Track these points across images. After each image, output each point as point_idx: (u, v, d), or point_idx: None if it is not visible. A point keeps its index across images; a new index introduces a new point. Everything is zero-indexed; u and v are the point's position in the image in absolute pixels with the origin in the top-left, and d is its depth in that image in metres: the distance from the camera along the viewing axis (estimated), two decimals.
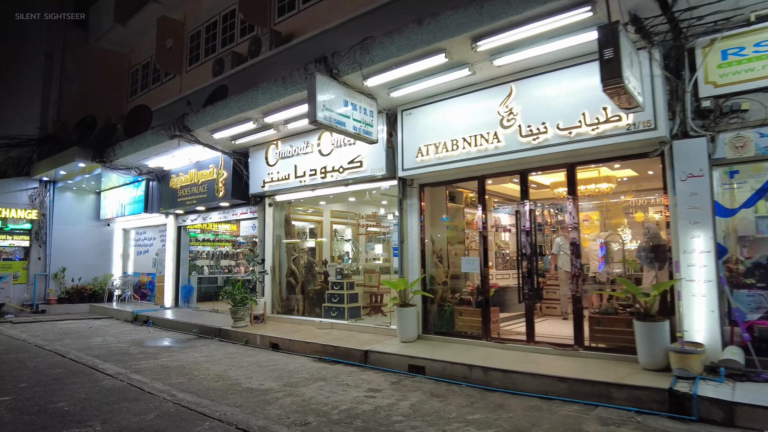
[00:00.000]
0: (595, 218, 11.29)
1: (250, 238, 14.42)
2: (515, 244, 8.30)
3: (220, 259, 15.50)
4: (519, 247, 7.63)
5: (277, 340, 9.15)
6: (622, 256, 9.23)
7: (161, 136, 10.77)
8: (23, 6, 16.55)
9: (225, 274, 15.34)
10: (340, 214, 13.38)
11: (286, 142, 10.44)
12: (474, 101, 7.66)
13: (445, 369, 6.81)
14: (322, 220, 12.61)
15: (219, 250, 15.73)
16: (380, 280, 10.99)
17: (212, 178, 12.08)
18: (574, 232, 7.16)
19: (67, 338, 10.38)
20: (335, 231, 13.60)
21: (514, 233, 10.12)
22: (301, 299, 11.01)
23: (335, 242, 13.35)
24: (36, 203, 15.40)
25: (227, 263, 15.75)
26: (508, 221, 10.55)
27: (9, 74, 17.35)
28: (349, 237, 13.47)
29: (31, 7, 16.57)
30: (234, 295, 10.41)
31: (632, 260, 9.32)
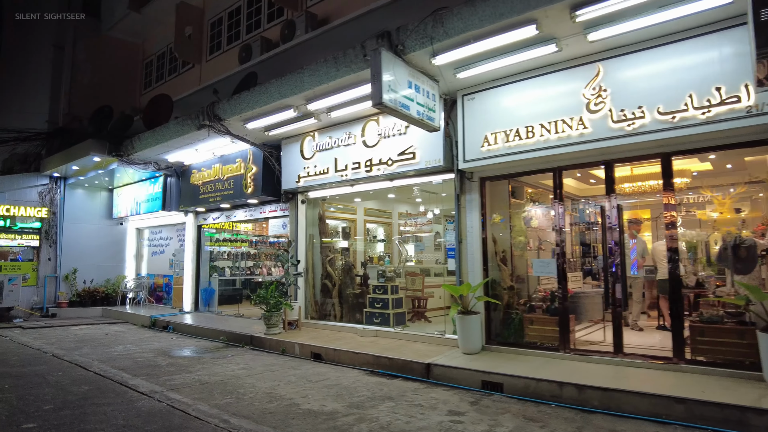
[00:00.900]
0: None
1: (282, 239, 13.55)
2: (569, 243, 7.42)
3: (242, 260, 14.60)
4: (604, 248, 6.75)
5: (320, 349, 8.28)
6: (702, 257, 8.35)
7: (187, 126, 9.89)
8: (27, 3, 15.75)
9: (247, 276, 14.45)
10: (374, 212, 12.49)
11: (325, 133, 9.57)
12: (553, 83, 6.79)
13: (528, 386, 5.95)
14: (355, 218, 11.73)
15: (239, 250, 14.82)
16: (424, 283, 10.12)
17: (239, 173, 11.20)
18: (671, 232, 6.29)
19: (84, 346, 9.49)
20: (368, 230, 12.71)
21: (575, 232, 9.25)
22: (338, 304, 10.13)
23: (369, 242, 12.46)
24: (46, 200, 14.52)
25: (248, 264, 14.85)
26: (569, 219, 9.65)
27: (16, 66, 16.47)
28: (382, 237, 12.59)
29: (32, 7, 15.73)
30: (267, 299, 9.53)
31: (708, 263, 8.47)
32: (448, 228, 8.43)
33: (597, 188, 10.35)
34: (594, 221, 9.36)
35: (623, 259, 6.63)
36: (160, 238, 15.24)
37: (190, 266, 13.25)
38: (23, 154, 15.70)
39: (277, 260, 10.06)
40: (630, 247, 8.59)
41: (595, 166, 7.03)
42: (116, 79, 16.29)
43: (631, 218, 9.24)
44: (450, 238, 8.29)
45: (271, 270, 14.91)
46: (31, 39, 16.21)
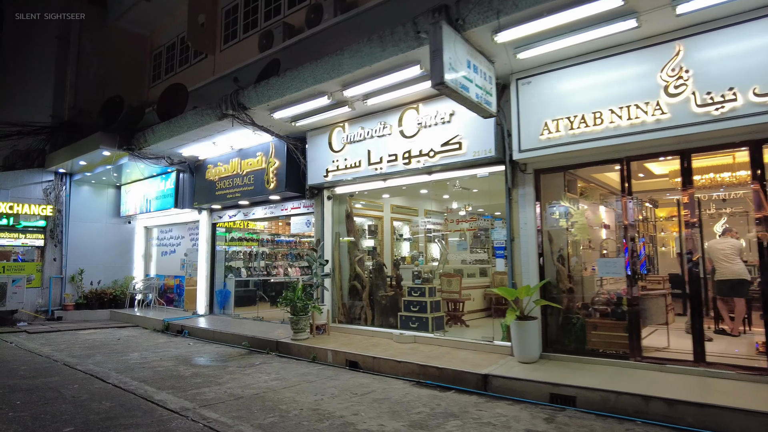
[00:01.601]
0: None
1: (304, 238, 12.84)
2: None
3: (257, 260, 13.91)
4: (681, 246, 6.08)
5: (356, 357, 7.61)
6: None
7: (207, 116, 9.20)
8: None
9: (263, 276, 13.75)
10: (401, 209, 11.80)
11: (357, 123, 8.89)
12: (624, 65, 6.14)
13: (606, 400, 5.30)
14: (382, 216, 11.05)
15: (255, 250, 14.13)
16: (461, 285, 9.44)
17: (260, 167, 10.50)
18: (762, 229, 5.62)
19: (97, 354, 8.79)
20: (394, 228, 12.02)
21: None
22: (369, 307, 9.45)
23: (396, 241, 11.77)
24: (51, 198, 13.80)
25: (262, 264, 14.15)
26: (612, 216, 8.99)
27: (18, 57, 15.71)
28: (408, 235, 11.91)
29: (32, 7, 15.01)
30: (295, 301, 8.85)
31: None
32: (495, 225, 7.78)
33: (645, 183, 9.71)
34: (647, 217, 8.72)
35: (703, 257, 5.97)
36: (170, 237, 14.53)
37: (203, 267, 12.55)
38: (25, 151, 14.96)
39: (306, 260, 9.37)
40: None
41: (669, 156, 6.35)
42: (123, 71, 15.57)
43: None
44: (499, 236, 7.63)
45: (287, 270, 14.22)
46: (35, 30, 15.46)
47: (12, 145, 14.70)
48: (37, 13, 14.82)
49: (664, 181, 9.07)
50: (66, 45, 15.05)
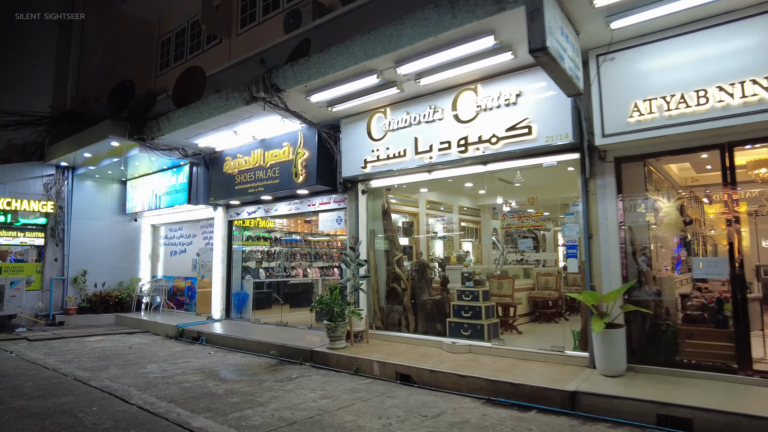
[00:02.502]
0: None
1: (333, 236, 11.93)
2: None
3: (275, 260, 12.98)
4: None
5: (409, 370, 6.74)
6: None
7: (232, 101, 8.27)
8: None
9: (283, 278, 12.82)
10: (436, 205, 10.92)
11: (401, 107, 8.01)
12: (739, 34, 5.29)
13: (735, 425, 4.49)
14: (417, 212, 10.17)
15: (274, 249, 13.20)
16: (514, 287, 8.58)
17: (287, 159, 9.59)
18: None
19: (110, 366, 7.84)
20: (428, 225, 11.14)
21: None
22: (410, 312, 8.56)
23: (432, 239, 10.88)
24: (52, 193, 12.79)
25: (279, 264, 13.21)
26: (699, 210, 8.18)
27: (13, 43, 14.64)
28: (442, 233, 11.03)
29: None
30: (332, 306, 7.95)
31: None
32: (567, 220, 6.93)
33: (710, 176, 8.88)
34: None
35: None
36: (180, 236, 13.57)
37: (219, 267, 11.61)
38: (22, 145, 13.93)
39: (342, 260, 8.47)
40: None
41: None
42: (129, 59, 14.56)
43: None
44: (570, 232, 6.76)
45: (306, 271, 13.30)
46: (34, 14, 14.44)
47: (8, 138, 13.69)
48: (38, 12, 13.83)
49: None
50: (68, 31, 14.03)
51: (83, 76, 13.88)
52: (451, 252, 10.14)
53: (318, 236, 14.15)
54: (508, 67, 6.81)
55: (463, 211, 11.43)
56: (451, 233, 11.45)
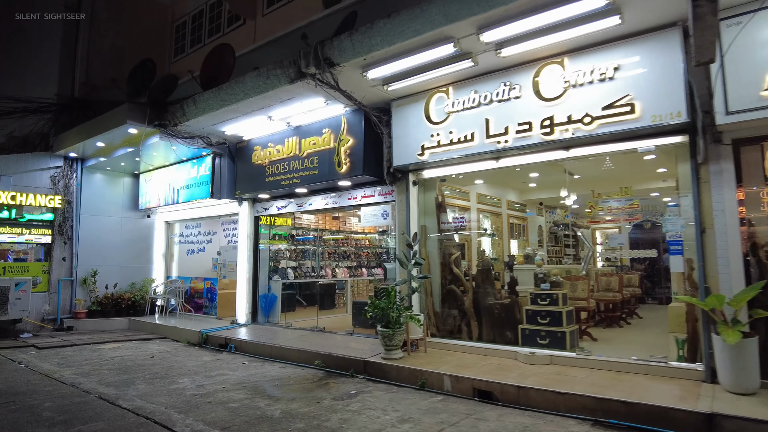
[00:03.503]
0: None
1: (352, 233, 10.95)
2: None
3: (301, 259, 12.01)
4: None
5: (489, 385, 5.82)
6: None
7: (274, 79, 7.30)
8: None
9: (312, 278, 11.84)
10: (485, 198, 9.96)
11: (467, 86, 7.08)
12: None
13: None
14: (468, 206, 9.22)
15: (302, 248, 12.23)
16: (590, 289, 7.64)
17: (328, 147, 8.62)
18: None
19: (136, 380, 6.84)
20: (479, 221, 10.17)
21: None
22: (473, 317, 7.61)
23: (481, 236, 9.92)
24: (59, 187, 11.77)
25: (310, 264, 12.25)
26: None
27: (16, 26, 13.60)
28: (490, 230, 10.08)
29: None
30: (388, 311, 6.99)
31: None
32: (669, 213, 6.02)
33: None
34: None
35: None
36: (198, 234, 12.57)
37: (245, 267, 10.62)
38: (24, 137, 12.89)
39: (397, 259, 7.52)
40: None
41: None
42: (140, 44, 13.53)
43: None
44: (674, 227, 5.84)
45: (335, 271, 12.33)
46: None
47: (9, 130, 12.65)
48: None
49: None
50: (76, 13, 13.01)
51: (92, 62, 12.85)
52: (531, 251, 9.20)
53: (345, 233, 13.18)
54: (605, 37, 5.90)
55: (510, 207, 10.51)
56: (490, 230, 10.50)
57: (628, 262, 10.31)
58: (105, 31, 13.11)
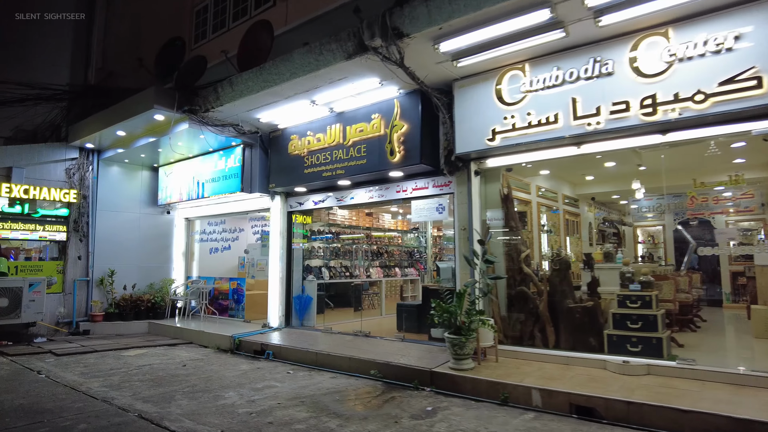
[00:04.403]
0: None
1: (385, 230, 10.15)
2: None
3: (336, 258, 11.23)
4: None
5: (590, 400, 5.11)
6: None
7: (328, 55, 6.51)
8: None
9: (346, 278, 11.06)
10: (545, 193, 9.17)
11: (547, 62, 6.31)
12: None
13: None
14: (529, 199, 8.44)
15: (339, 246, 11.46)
16: (676, 289, 6.87)
17: (377, 134, 7.84)
18: None
19: (176, 394, 6.04)
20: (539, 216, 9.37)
21: None
22: (548, 322, 6.82)
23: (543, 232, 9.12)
24: (75, 180, 10.96)
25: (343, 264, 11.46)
26: None
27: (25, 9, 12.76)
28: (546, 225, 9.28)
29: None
30: (456, 314, 6.21)
31: None
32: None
33: None
34: None
35: None
36: (223, 231, 11.77)
37: (277, 266, 9.82)
38: (32, 130, 12.06)
39: (466, 258, 6.72)
40: None
41: None
42: (158, 30, 12.69)
43: None
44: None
45: (369, 270, 11.55)
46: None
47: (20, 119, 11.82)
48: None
49: None
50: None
51: (108, 48, 12.04)
52: (611, 247, 8.45)
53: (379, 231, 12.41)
54: (722, 2, 5.11)
55: (565, 202, 9.74)
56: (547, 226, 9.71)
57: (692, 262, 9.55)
58: (121, 15, 12.29)
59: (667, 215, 10.26)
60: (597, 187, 10.18)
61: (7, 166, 10.00)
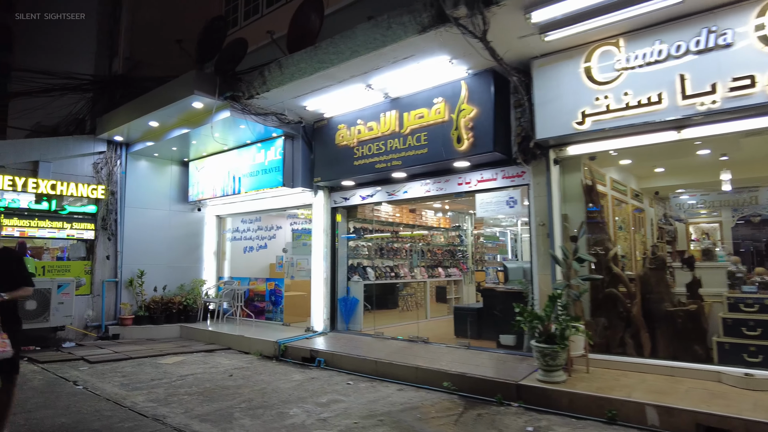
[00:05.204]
0: None
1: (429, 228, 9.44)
2: None
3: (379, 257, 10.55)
4: None
5: (725, 421, 4.42)
6: None
7: (398, 29, 5.82)
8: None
9: (391, 279, 10.37)
10: (618, 185, 8.40)
11: (647, 35, 5.59)
12: None
13: None
14: (605, 192, 7.68)
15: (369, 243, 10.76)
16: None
17: (440, 120, 7.13)
18: None
19: (234, 410, 5.37)
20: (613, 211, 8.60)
21: None
22: (644, 328, 6.08)
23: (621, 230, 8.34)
24: (102, 175, 10.34)
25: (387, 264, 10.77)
26: None
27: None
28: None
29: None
30: (547, 320, 5.50)
31: None
32: None
33: None
34: None
35: None
36: (258, 229, 11.10)
37: (321, 266, 9.14)
38: (52, 126, 11.47)
39: (554, 258, 6.01)
40: None
41: None
42: (186, 18, 12.06)
43: None
44: None
45: (413, 270, 10.85)
46: None
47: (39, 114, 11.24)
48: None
49: None
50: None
51: (135, 37, 11.41)
52: (626, 247, 7.71)
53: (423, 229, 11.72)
54: None
55: (631, 195, 8.98)
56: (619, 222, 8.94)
57: None
58: (148, 3, 11.66)
59: (725, 211, 9.51)
60: (664, 181, 9.41)
61: (33, 160, 9.39)
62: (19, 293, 4.08)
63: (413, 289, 11.41)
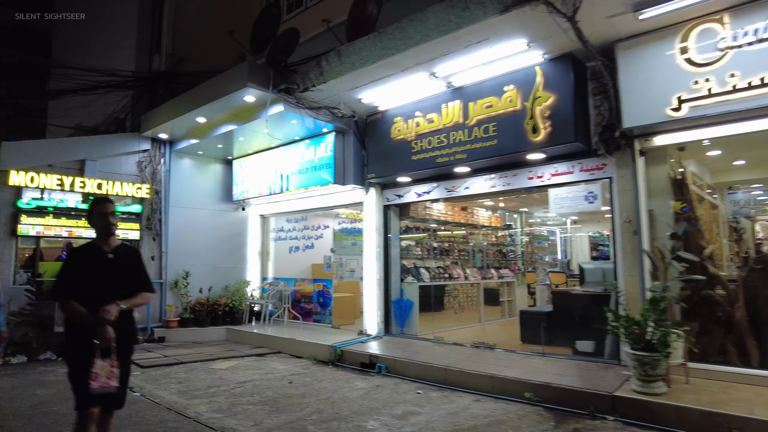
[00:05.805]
0: None
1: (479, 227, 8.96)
2: None
3: (430, 258, 10.10)
4: None
5: None
6: None
7: (478, 9, 5.39)
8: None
9: (444, 279, 9.91)
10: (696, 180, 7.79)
11: (758, 9, 4.99)
12: None
13: None
14: (689, 187, 7.08)
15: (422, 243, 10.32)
16: None
17: (511, 109, 6.64)
18: None
19: (305, 423, 5.01)
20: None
21: None
22: (749, 335, 5.50)
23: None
24: (146, 174, 10.12)
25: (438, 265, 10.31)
26: None
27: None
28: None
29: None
30: (645, 326, 4.97)
31: None
32: None
33: None
34: None
35: None
36: (304, 228, 10.74)
37: (374, 267, 8.74)
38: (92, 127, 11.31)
39: (651, 258, 5.48)
40: None
41: None
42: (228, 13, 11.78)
43: None
44: None
45: (466, 271, 10.37)
46: None
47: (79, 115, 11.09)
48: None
49: None
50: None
51: (177, 32, 11.18)
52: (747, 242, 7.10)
53: (475, 228, 11.23)
54: None
55: (707, 191, 8.34)
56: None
57: None
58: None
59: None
60: (741, 175, 8.75)
61: (80, 159, 9.20)
62: (137, 301, 3.26)
63: (458, 291, 10.94)
